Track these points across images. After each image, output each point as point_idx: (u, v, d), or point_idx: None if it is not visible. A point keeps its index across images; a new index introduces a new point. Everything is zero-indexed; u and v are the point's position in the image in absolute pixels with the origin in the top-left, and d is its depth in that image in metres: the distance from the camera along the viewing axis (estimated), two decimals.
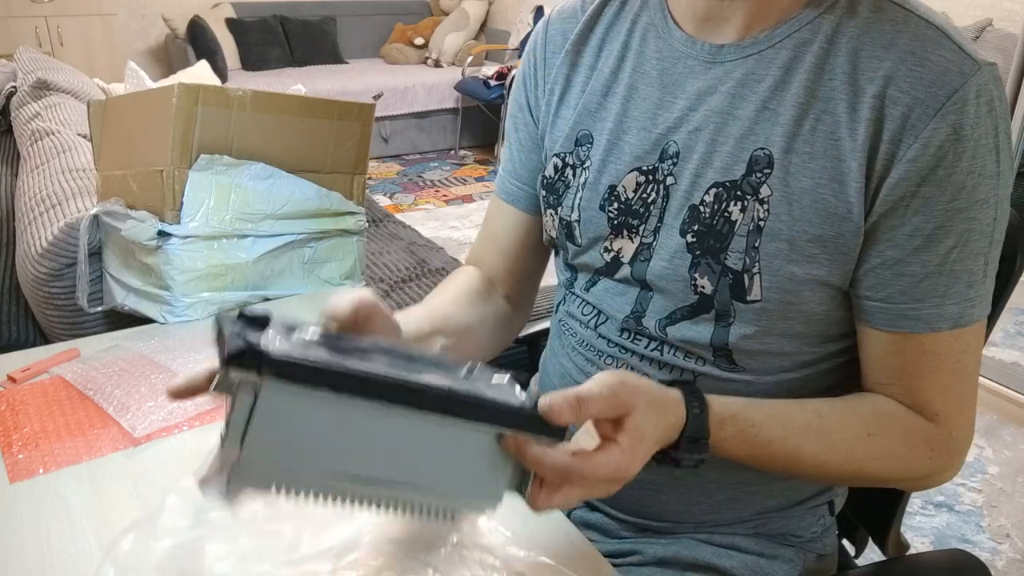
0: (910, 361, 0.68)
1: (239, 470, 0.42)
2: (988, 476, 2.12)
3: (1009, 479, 2.11)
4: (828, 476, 0.74)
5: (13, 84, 2.54)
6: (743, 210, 0.68)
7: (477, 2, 5.73)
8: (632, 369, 0.78)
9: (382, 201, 4.31)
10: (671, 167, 0.72)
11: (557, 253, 0.89)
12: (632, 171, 0.75)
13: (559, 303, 0.90)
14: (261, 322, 0.45)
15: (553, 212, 0.82)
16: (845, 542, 1.00)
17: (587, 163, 0.78)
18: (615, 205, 0.76)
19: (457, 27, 5.65)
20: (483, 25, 5.84)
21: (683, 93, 0.72)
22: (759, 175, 0.67)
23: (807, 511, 0.84)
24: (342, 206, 1.30)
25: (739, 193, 0.68)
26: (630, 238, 0.76)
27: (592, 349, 0.82)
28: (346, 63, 5.47)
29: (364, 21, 5.79)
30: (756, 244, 0.68)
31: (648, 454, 0.58)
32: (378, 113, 4.76)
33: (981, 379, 2.44)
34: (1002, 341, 2.80)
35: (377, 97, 4.73)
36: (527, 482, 0.53)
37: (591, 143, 0.78)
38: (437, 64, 5.57)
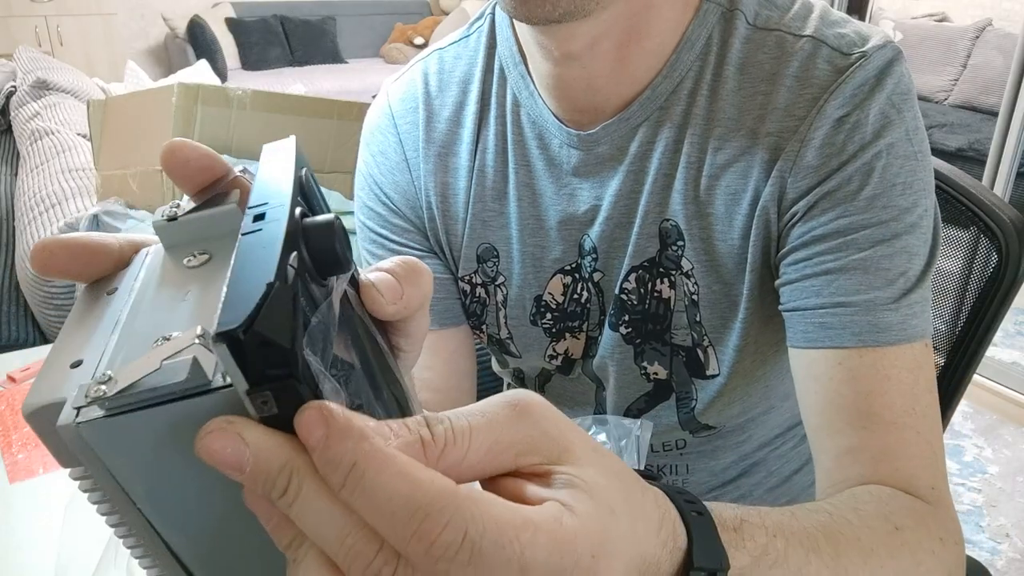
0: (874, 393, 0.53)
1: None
2: (987, 476, 2.12)
3: (1009, 479, 2.11)
4: None
5: (13, 84, 2.54)
6: (672, 286, 0.62)
7: (477, 2, 5.73)
8: None
9: None
10: (593, 262, 0.65)
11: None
12: (555, 275, 0.67)
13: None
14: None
15: (478, 331, 0.73)
16: None
17: (499, 279, 0.69)
18: (547, 316, 0.69)
19: (457, 27, 5.59)
20: None
21: (583, 182, 0.64)
22: (674, 248, 0.61)
23: None
24: (342, 206, 1.30)
25: (661, 270, 0.62)
26: (575, 337, 0.69)
27: None
28: (346, 63, 5.47)
29: (364, 21, 5.79)
30: (697, 318, 0.63)
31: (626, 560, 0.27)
32: None
33: (981, 379, 2.43)
34: (1002, 341, 2.80)
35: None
36: None
37: (496, 256, 0.69)
38: None
